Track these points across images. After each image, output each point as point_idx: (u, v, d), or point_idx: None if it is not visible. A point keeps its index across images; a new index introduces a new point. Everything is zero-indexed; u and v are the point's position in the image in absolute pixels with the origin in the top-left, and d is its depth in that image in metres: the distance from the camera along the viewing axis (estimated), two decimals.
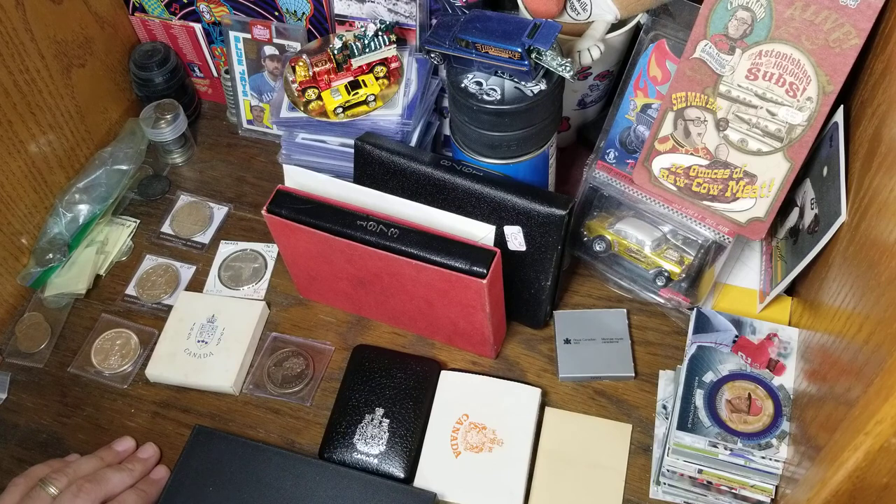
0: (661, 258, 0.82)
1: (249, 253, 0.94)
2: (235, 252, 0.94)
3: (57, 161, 0.95)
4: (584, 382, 0.83)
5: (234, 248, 0.95)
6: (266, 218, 0.76)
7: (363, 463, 0.78)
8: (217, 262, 0.94)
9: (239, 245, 0.95)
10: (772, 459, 0.68)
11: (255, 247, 0.95)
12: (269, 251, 0.94)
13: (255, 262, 0.93)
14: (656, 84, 0.79)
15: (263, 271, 0.93)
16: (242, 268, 0.93)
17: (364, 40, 0.84)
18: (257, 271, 0.93)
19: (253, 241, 0.95)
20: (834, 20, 0.64)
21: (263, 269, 0.93)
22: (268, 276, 0.93)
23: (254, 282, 0.92)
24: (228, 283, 0.92)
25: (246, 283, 0.92)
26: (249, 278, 0.92)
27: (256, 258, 0.94)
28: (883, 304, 0.53)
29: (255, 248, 0.95)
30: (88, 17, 0.96)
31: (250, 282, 0.92)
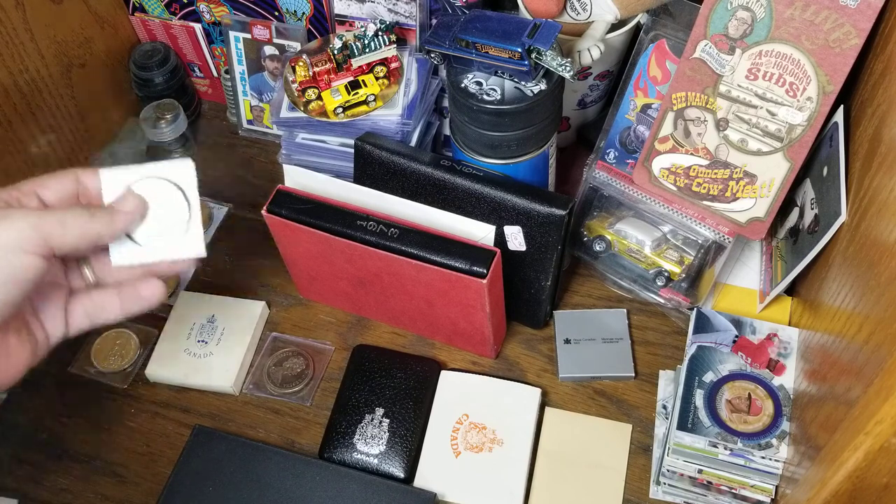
0: (661, 258, 0.82)
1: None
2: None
3: (57, 161, 0.95)
4: (584, 382, 0.83)
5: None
6: (266, 218, 0.76)
7: (363, 463, 0.78)
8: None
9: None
10: (772, 459, 0.68)
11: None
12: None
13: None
14: (656, 84, 0.79)
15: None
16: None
17: (364, 40, 0.84)
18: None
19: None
20: (834, 20, 0.64)
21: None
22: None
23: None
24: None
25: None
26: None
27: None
28: (883, 304, 0.53)
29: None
30: (88, 17, 0.96)
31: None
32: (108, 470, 0.81)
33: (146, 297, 0.59)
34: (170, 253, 0.57)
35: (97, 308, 0.59)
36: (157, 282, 0.59)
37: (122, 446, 0.82)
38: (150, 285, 0.59)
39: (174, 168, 0.57)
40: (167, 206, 0.57)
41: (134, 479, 0.80)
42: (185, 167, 0.57)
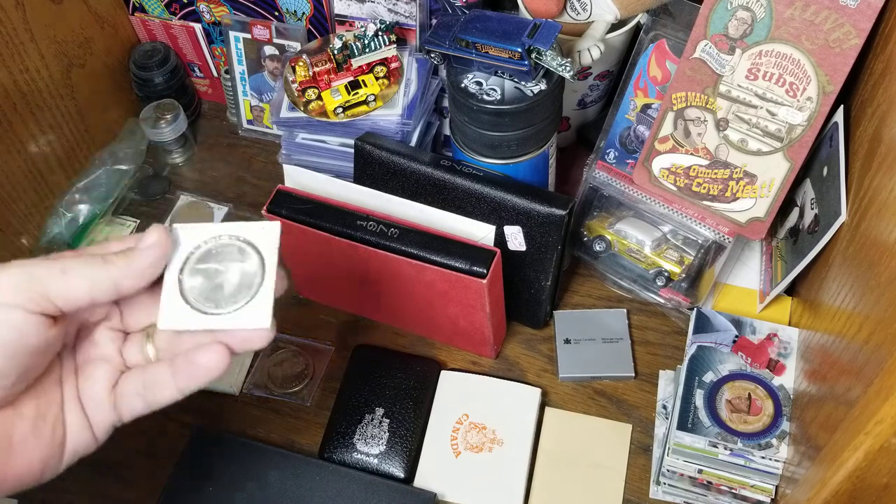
0: (661, 258, 0.82)
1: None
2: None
3: (57, 161, 0.95)
4: (584, 382, 0.83)
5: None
6: (266, 218, 0.76)
7: (363, 463, 0.78)
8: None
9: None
10: (772, 459, 0.68)
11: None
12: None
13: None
14: (656, 84, 0.79)
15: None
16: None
17: (364, 40, 0.84)
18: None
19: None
20: (834, 20, 0.64)
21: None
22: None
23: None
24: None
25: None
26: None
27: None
28: (883, 304, 0.53)
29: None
30: (88, 17, 0.96)
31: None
32: (109, 470, 0.81)
33: (202, 366, 0.46)
34: (227, 321, 0.47)
35: (150, 386, 0.48)
36: (217, 347, 0.46)
37: (123, 446, 0.82)
38: (208, 351, 0.46)
39: (258, 229, 0.49)
40: (238, 269, 0.48)
41: (134, 479, 0.80)
42: (270, 230, 0.49)
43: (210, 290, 0.47)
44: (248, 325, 0.47)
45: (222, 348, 0.46)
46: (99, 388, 0.48)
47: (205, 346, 0.46)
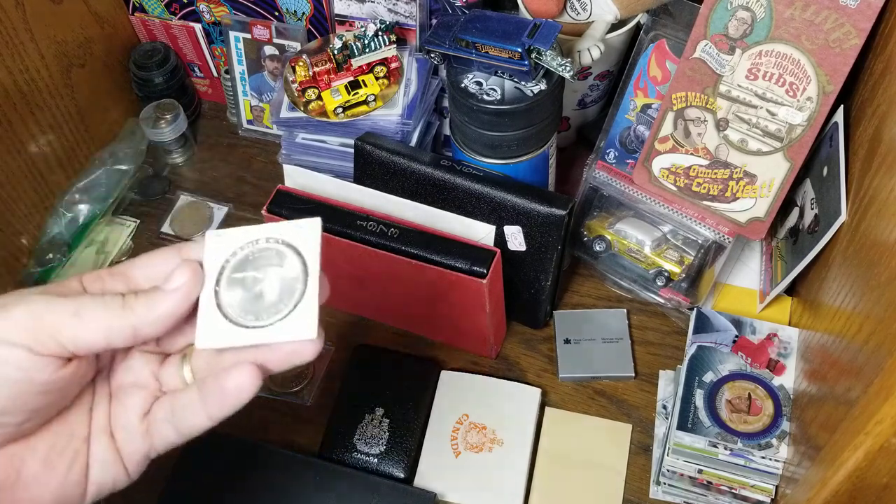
0: (661, 258, 0.82)
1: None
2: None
3: (57, 161, 0.95)
4: (584, 382, 0.83)
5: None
6: (266, 218, 0.76)
7: (363, 463, 0.77)
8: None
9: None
10: (772, 459, 0.68)
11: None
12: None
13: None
14: (656, 84, 0.79)
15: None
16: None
17: (364, 40, 0.84)
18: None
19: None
20: (834, 20, 0.64)
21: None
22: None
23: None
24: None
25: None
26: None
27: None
28: (883, 304, 0.53)
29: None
30: (88, 17, 0.96)
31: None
32: None
33: (231, 390, 0.42)
34: (270, 334, 0.42)
35: (179, 411, 0.44)
36: (246, 368, 0.42)
37: None
38: (237, 373, 0.42)
39: (295, 229, 0.44)
40: (278, 275, 0.43)
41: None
42: (309, 229, 0.44)
43: (250, 302, 0.43)
44: (293, 337, 0.42)
45: (252, 369, 0.42)
46: (131, 415, 0.44)
47: (233, 368, 0.42)
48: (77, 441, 0.44)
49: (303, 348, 0.42)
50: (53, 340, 0.39)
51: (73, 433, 0.43)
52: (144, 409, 0.45)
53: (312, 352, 0.42)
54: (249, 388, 0.42)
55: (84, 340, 0.40)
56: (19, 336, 0.38)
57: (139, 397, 0.45)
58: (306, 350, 0.42)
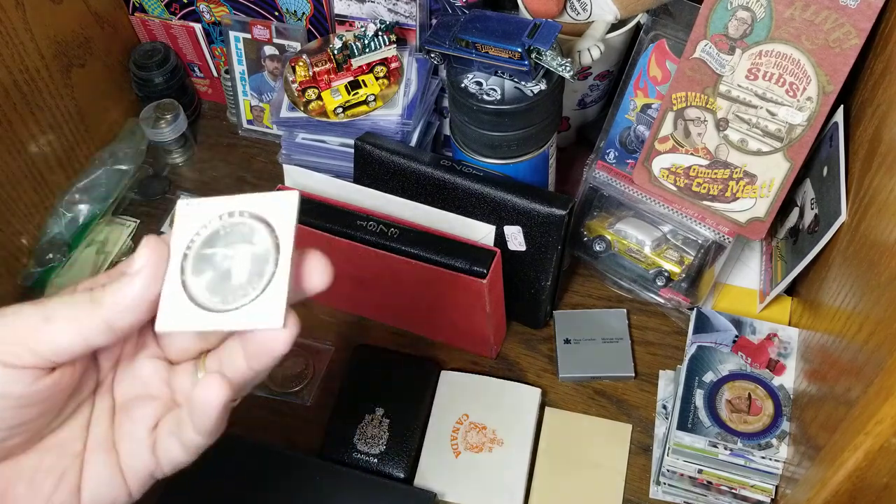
0: (661, 258, 0.82)
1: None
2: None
3: (57, 161, 0.95)
4: (584, 382, 0.83)
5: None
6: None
7: (363, 463, 0.77)
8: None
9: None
10: (772, 459, 0.68)
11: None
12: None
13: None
14: (656, 84, 0.79)
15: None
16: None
17: (364, 40, 0.84)
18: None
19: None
20: (834, 20, 0.64)
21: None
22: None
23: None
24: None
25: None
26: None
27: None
28: (883, 304, 0.53)
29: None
30: (88, 17, 0.96)
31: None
32: None
33: (200, 403, 0.38)
34: (233, 320, 0.38)
35: (182, 423, 0.40)
36: (209, 380, 0.37)
37: None
38: (203, 386, 0.38)
39: (270, 201, 0.39)
40: (248, 253, 0.38)
41: None
42: (285, 202, 0.39)
43: (217, 282, 0.38)
44: (257, 325, 0.37)
45: (216, 380, 0.37)
46: (139, 426, 0.41)
47: (201, 379, 0.38)
48: (67, 458, 0.40)
49: (270, 340, 0.37)
50: (27, 350, 0.36)
51: (63, 450, 0.40)
52: (154, 421, 0.41)
53: (283, 343, 0.37)
54: (215, 401, 0.37)
55: (59, 345, 0.36)
56: (4, 354, 0.35)
57: (150, 408, 0.41)
58: (275, 341, 0.37)
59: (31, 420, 0.38)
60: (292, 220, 0.39)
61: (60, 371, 0.37)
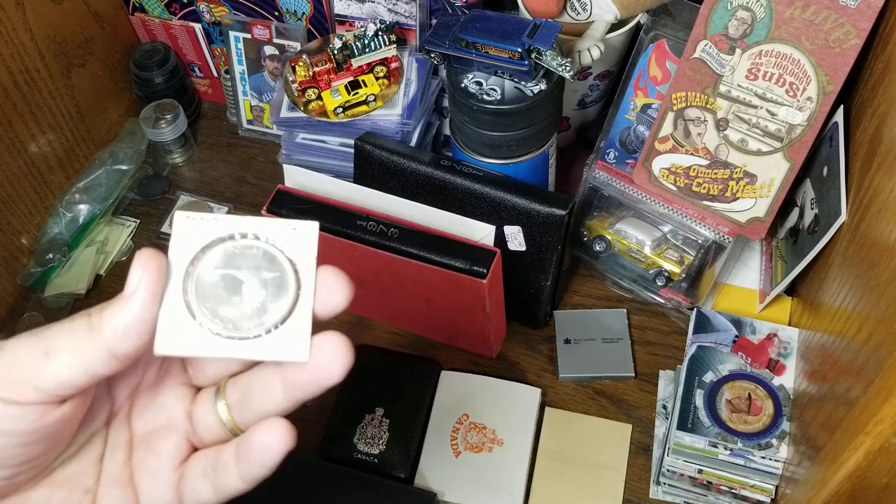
0: (661, 258, 0.82)
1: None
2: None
3: (57, 161, 0.95)
4: (584, 382, 0.83)
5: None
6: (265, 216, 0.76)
7: (363, 463, 0.77)
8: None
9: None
10: (772, 459, 0.68)
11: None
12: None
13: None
14: (656, 84, 0.79)
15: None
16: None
17: (364, 40, 0.84)
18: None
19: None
20: (834, 20, 0.64)
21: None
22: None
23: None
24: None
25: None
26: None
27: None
28: (883, 304, 0.53)
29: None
30: (88, 17, 0.96)
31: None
32: None
33: (257, 448, 0.36)
34: (250, 349, 0.35)
35: (219, 468, 0.37)
36: (274, 425, 0.36)
37: None
38: (264, 431, 0.36)
39: (288, 231, 0.37)
40: (263, 280, 0.36)
41: None
42: (305, 234, 0.37)
43: (226, 306, 0.35)
44: (280, 357, 0.36)
45: (282, 425, 0.36)
46: (164, 462, 0.38)
47: (261, 423, 0.36)
48: (78, 493, 0.38)
49: (323, 370, 0.36)
50: (30, 388, 0.33)
51: (74, 484, 0.38)
52: (180, 456, 0.39)
53: (338, 375, 0.36)
54: (278, 448, 0.36)
55: (62, 379, 0.33)
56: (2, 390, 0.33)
57: (172, 442, 0.39)
58: (329, 373, 0.36)
59: (39, 456, 0.36)
60: (313, 251, 0.37)
61: (69, 404, 0.35)
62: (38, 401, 0.33)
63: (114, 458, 0.39)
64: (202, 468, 0.38)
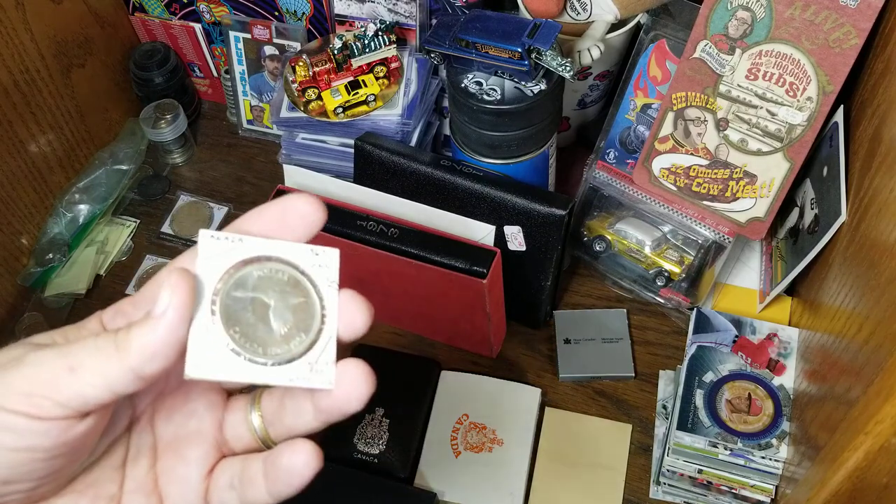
0: (661, 258, 0.82)
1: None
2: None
3: (57, 161, 0.95)
4: (584, 382, 0.83)
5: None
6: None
7: (363, 463, 0.77)
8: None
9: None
10: (772, 459, 0.68)
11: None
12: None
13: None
14: (656, 84, 0.79)
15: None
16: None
17: (364, 40, 0.84)
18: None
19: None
20: (834, 20, 0.64)
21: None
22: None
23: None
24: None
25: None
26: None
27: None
28: (883, 304, 0.53)
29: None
30: (88, 17, 0.96)
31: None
32: None
33: (284, 470, 0.37)
34: (279, 375, 0.35)
35: (247, 482, 0.37)
36: (301, 447, 0.37)
37: None
38: (290, 453, 0.37)
39: (313, 257, 0.37)
40: (290, 305, 0.36)
41: None
42: (327, 260, 0.38)
43: (254, 330, 0.35)
44: (306, 384, 0.36)
45: (309, 448, 0.36)
46: (193, 471, 0.38)
47: (287, 445, 0.36)
48: (101, 501, 0.37)
49: (345, 399, 0.37)
50: (52, 403, 0.33)
51: (97, 492, 0.37)
52: (209, 464, 0.38)
53: (359, 403, 0.37)
54: (306, 471, 0.36)
55: (87, 397, 0.33)
56: (15, 402, 0.33)
57: (202, 449, 0.38)
58: (350, 401, 0.37)
59: (61, 469, 0.35)
60: (335, 277, 0.37)
61: (90, 418, 0.34)
62: (60, 416, 0.33)
63: (137, 464, 0.38)
64: (228, 479, 0.38)
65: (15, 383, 0.33)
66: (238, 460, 0.38)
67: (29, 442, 0.33)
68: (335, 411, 0.37)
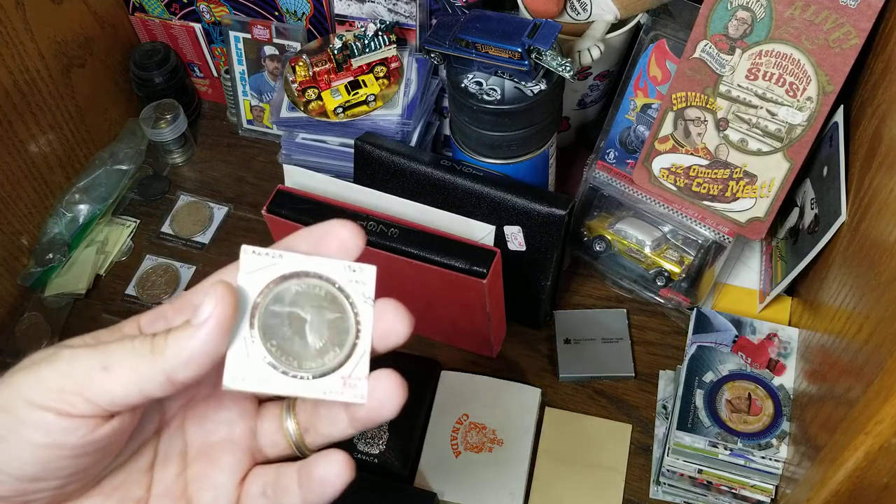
0: (661, 258, 0.82)
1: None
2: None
3: (57, 161, 0.95)
4: (584, 382, 0.83)
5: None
6: (266, 218, 0.76)
7: (363, 463, 0.77)
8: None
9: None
10: (772, 459, 0.68)
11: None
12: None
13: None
14: (656, 84, 0.79)
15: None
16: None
17: (364, 40, 0.84)
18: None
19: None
20: (834, 20, 0.64)
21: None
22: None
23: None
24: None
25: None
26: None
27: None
28: (883, 304, 0.53)
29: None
30: (88, 17, 0.96)
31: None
32: None
33: (317, 481, 0.36)
34: (313, 389, 0.36)
35: (279, 490, 0.38)
36: (334, 458, 0.37)
37: None
38: (324, 464, 0.37)
39: (347, 273, 0.38)
40: (326, 320, 0.37)
41: None
42: (363, 277, 0.39)
43: (290, 344, 0.36)
44: (339, 398, 0.36)
45: (342, 459, 0.36)
46: (225, 477, 0.38)
47: (320, 456, 0.37)
48: (128, 503, 0.38)
49: (378, 411, 0.37)
50: (82, 399, 0.33)
51: (124, 495, 0.38)
52: (242, 471, 0.38)
53: (391, 413, 0.38)
54: (339, 482, 0.36)
55: (116, 396, 0.33)
56: (46, 398, 0.33)
57: (235, 456, 0.38)
58: (382, 413, 0.37)
59: (89, 468, 0.36)
60: (371, 293, 0.38)
61: (120, 418, 0.35)
62: (89, 414, 0.33)
63: (166, 469, 0.39)
64: (261, 487, 0.38)
65: (47, 379, 0.34)
66: (271, 469, 0.38)
67: (57, 439, 0.33)
68: (369, 421, 0.38)
